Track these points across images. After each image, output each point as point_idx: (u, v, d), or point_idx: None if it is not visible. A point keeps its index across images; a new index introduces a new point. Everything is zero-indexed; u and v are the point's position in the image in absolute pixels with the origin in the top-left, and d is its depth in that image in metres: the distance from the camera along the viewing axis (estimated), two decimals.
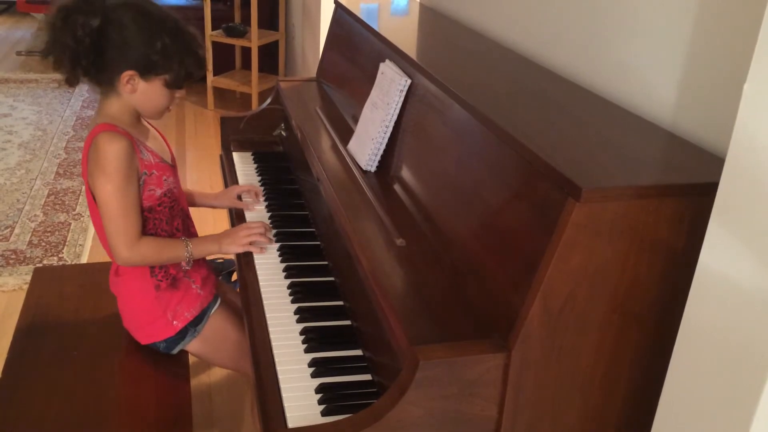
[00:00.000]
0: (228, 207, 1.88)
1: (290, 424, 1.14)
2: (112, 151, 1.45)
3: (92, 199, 1.54)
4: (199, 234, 1.73)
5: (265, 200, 1.88)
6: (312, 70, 3.54)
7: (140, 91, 1.51)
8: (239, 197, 1.86)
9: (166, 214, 1.60)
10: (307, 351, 1.32)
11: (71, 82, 1.49)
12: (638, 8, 1.35)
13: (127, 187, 1.48)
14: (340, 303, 1.47)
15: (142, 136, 1.58)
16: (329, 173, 1.58)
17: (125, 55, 1.47)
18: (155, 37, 1.47)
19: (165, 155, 1.63)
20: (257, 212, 1.82)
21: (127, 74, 1.48)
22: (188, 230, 1.70)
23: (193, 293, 1.64)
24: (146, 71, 1.49)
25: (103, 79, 1.51)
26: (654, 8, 1.31)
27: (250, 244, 1.61)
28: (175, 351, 1.64)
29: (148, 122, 1.66)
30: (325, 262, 1.62)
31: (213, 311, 1.67)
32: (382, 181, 1.55)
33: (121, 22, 1.45)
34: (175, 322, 1.61)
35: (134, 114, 1.57)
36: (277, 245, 1.65)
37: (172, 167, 1.65)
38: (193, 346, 1.66)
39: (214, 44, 4.64)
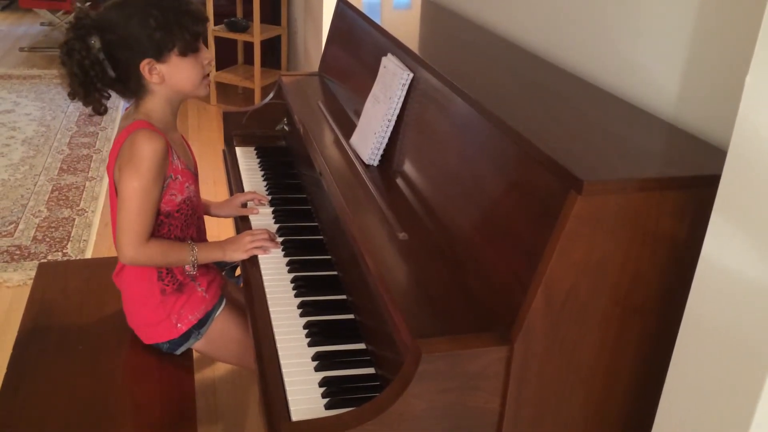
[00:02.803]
0: (232, 215, 1.86)
1: (294, 418, 1.15)
2: (149, 149, 1.45)
3: (115, 192, 1.54)
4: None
5: (268, 194, 1.88)
6: (314, 65, 3.54)
7: (166, 75, 1.50)
8: (244, 205, 1.84)
9: (182, 221, 1.60)
10: (310, 345, 1.32)
11: (98, 110, 1.51)
12: (641, 1, 1.34)
13: (153, 188, 1.48)
14: (343, 297, 1.48)
15: (174, 140, 1.58)
16: (332, 167, 1.58)
17: (132, 49, 1.47)
18: (145, 17, 1.45)
19: (190, 164, 1.64)
20: (260, 208, 1.82)
21: (144, 65, 1.47)
22: (202, 240, 1.70)
23: (198, 296, 1.63)
24: (158, 53, 1.48)
25: (131, 85, 1.51)
26: (657, 1, 1.30)
27: (255, 249, 1.60)
28: (179, 352, 1.64)
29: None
30: (328, 257, 1.62)
31: (218, 314, 1.66)
32: (385, 175, 1.55)
33: (112, 22, 1.46)
34: (179, 325, 1.61)
35: (172, 111, 1.58)
36: (281, 239, 1.65)
37: (195, 176, 1.65)
38: (197, 345, 1.66)
39: (217, 39, 4.64)
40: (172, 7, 1.49)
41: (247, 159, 2.11)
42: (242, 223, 1.77)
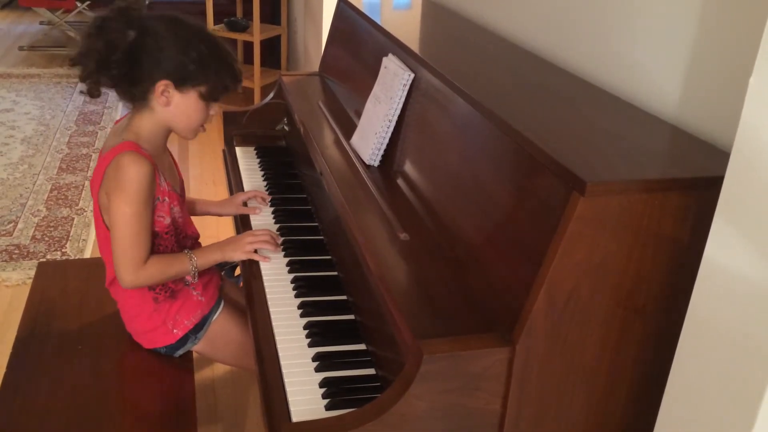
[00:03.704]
0: (233, 214, 1.84)
1: (294, 419, 1.14)
2: (136, 174, 1.41)
3: (100, 215, 1.51)
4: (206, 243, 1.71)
5: (269, 194, 1.88)
6: (314, 65, 3.54)
7: (174, 104, 1.48)
8: (244, 204, 1.83)
9: (172, 243, 1.57)
10: (310, 345, 1.32)
11: (93, 93, 1.46)
12: (644, 2, 1.34)
13: (144, 212, 1.45)
14: (344, 297, 1.47)
15: (162, 162, 1.56)
16: (332, 168, 1.58)
17: (160, 64, 1.44)
18: (191, 47, 1.45)
19: (176, 185, 1.62)
20: (261, 208, 1.81)
21: (162, 84, 1.45)
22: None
23: (193, 300, 1.62)
24: (182, 81, 1.46)
25: (137, 92, 1.48)
26: (660, 1, 1.30)
27: (255, 252, 1.58)
28: (177, 355, 1.64)
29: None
30: (329, 257, 1.62)
31: (215, 317, 1.65)
32: (385, 176, 1.54)
33: (157, 31, 1.44)
34: (175, 331, 1.60)
35: (164, 134, 1.55)
36: (281, 240, 1.65)
37: (180, 197, 1.62)
38: (197, 347, 1.65)
39: None
40: (219, 54, 1.49)
41: (247, 159, 2.10)
42: (243, 224, 1.77)
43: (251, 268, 1.57)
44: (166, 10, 1.54)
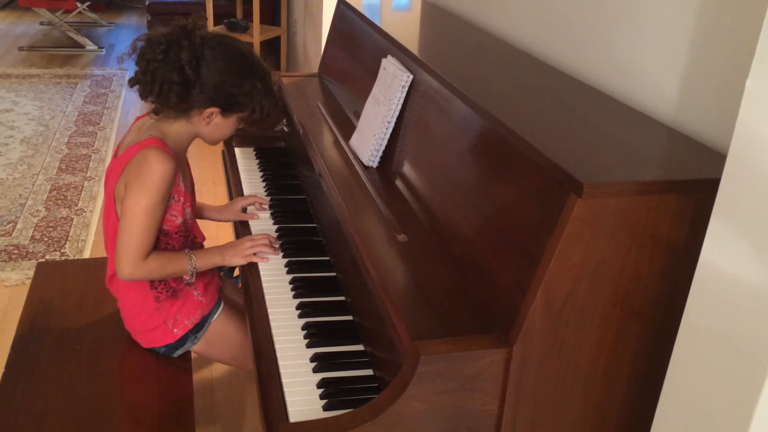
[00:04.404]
0: (232, 220, 1.85)
1: (292, 419, 1.15)
2: (160, 170, 1.44)
3: (113, 206, 1.52)
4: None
5: (267, 195, 1.88)
6: (314, 66, 3.54)
7: (214, 124, 1.54)
8: (243, 210, 1.83)
9: (180, 243, 1.59)
10: (308, 346, 1.32)
11: (159, 111, 1.50)
12: (641, 5, 1.35)
13: (159, 208, 1.47)
14: (342, 298, 1.48)
15: (181, 163, 1.59)
16: (331, 169, 1.58)
17: (213, 94, 1.48)
18: (244, 78, 1.50)
19: (188, 185, 1.64)
20: (259, 215, 1.81)
21: (210, 111, 1.50)
22: None
23: (194, 300, 1.63)
24: (228, 109, 1.52)
25: (181, 108, 1.50)
26: (657, 4, 1.30)
27: (255, 255, 1.58)
28: (176, 355, 1.64)
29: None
30: (327, 258, 1.62)
31: (215, 317, 1.66)
32: (384, 177, 1.55)
33: (215, 60, 1.47)
34: (175, 330, 1.60)
35: (190, 139, 1.60)
36: (279, 241, 1.65)
37: (193, 198, 1.66)
38: (195, 348, 1.65)
39: None
40: (267, 87, 1.55)
41: (246, 160, 2.10)
42: (242, 228, 1.77)
43: (250, 268, 1.57)
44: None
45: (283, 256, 1.60)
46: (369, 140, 1.59)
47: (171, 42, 1.44)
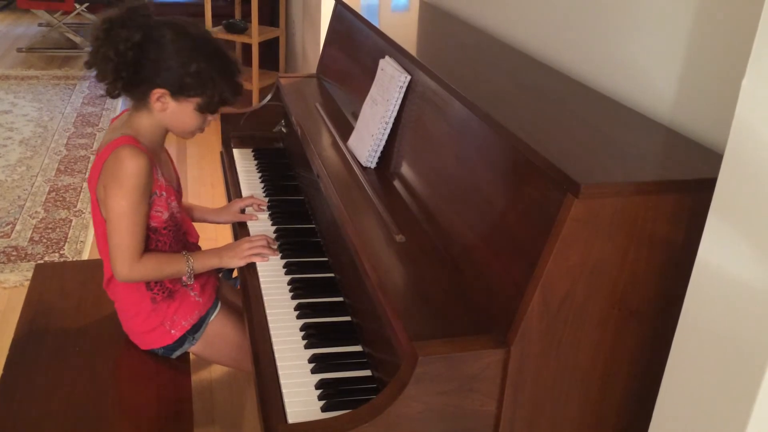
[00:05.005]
0: (231, 222, 1.84)
1: (290, 420, 1.15)
2: (133, 167, 1.43)
3: (98, 208, 1.52)
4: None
5: (266, 196, 1.88)
6: (312, 67, 3.54)
7: (170, 111, 1.51)
8: (242, 211, 1.82)
9: (170, 238, 1.59)
10: (307, 347, 1.32)
11: (112, 93, 1.49)
12: (637, 4, 1.35)
13: (140, 205, 1.47)
14: (340, 299, 1.48)
15: (158, 157, 1.58)
16: (329, 169, 1.58)
17: (159, 73, 1.47)
18: (191, 59, 1.46)
19: (172, 180, 1.63)
20: (258, 216, 1.81)
21: (157, 92, 1.48)
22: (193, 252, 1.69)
23: (191, 301, 1.63)
24: (178, 92, 1.48)
25: (136, 93, 1.50)
26: (654, 5, 1.31)
27: (253, 256, 1.58)
28: (174, 356, 1.64)
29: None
30: (325, 259, 1.62)
31: (212, 318, 1.66)
32: (382, 178, 1.55)
33: (161, 40, 1.45)
34: (172, 332, 1.60)
35: (162, 133, 1.57)
36: (276, 245, 1.65)
37: (177, 192, 1.64)
38: (193, 349, 1.65)
39: None
40: (220, 69, 1.50)
41: (244, 161, 2.11)
42: (240, 229, 1.77)
43: (248, 269, 1.57)
44: (167, 11, 1.55)
45: (282, 257, 1.60)
46: (367, 141, 1.59)
47: (113, 21, 1.44)
